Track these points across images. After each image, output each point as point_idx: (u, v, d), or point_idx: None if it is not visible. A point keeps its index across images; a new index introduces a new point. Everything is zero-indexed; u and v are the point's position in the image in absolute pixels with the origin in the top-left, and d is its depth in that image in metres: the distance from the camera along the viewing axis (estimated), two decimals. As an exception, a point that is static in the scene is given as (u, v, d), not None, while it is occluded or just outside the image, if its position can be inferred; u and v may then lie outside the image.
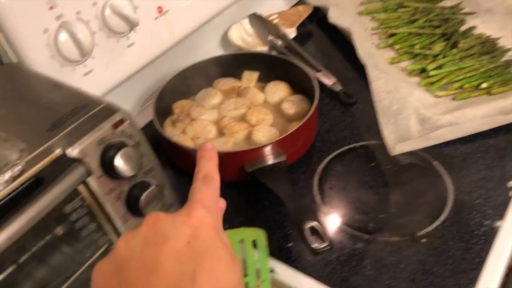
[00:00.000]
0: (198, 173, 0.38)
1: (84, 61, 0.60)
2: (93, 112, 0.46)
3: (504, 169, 0.60)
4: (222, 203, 0.40)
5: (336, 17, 0.86)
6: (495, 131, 0.65)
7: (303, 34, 0.91)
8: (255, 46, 0.87)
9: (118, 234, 0.47)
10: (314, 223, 0.50)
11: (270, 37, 0.83)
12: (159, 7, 0.69)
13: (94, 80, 0.63)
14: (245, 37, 0.89)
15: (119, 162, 0.44)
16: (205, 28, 0.85)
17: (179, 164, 0.67)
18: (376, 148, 0.65)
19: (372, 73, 0.69)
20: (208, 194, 0.36)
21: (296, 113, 0.70)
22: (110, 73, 0.65)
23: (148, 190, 0.47)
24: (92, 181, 0.44)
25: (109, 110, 0.46)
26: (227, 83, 0.77)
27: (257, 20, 0.86)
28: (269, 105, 0.73)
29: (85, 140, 0.43)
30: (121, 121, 0.46)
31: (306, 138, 0.66)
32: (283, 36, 0.83)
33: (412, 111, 0.65)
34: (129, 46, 0.66)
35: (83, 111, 0.46)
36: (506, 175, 0.59)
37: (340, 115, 0.73)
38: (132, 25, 0.64)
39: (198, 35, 0.84)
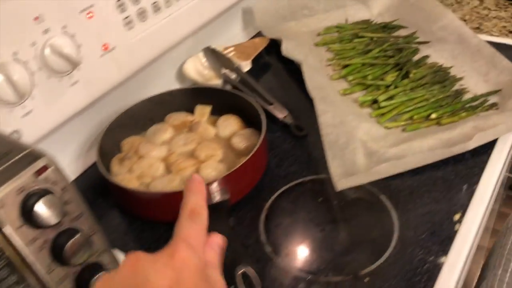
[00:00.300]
0: (184, 207, 0.37)
1: (22, 103, 0.59)
2: (15, 159, 0.45)
3: (451, 202, 0.60)
4: (221, 240, 0.39)
5: (290, 49, 0.86)
6: (443, 162, 0.64)
7: (260, 66, 0.91)
8: (210, 79, 0.86)
9: (43, 285, 0.46)
10: (246, 268, 0.49)
11: (223, 71, 0.82)
12: (104, 44, 0.69)
13: (34, 121, 0.62)
14: (201, 70, 0.88)
15: (40, 210, 0.43)
16: (161, 61, 0.85)
17: (122, 205, 0.65)
18: (325, 182, 0.64)
19: (320, 107, 0.69)
20: (194, 231, 0.35)
21: (246, 147, 0.69)
22: (52, 113, 0.64)
23: (74, 238, 0.46)
24: (10, 232, 0.42)
25: (32, 157, 0.45)
26: (179, 117, 0.76)
27: (211, 53, 0.86)
28: (221, 139, 0.72)
29: (3, 190, 0.42)
30: (44, 168, 0.45)
31: (254, 173, 0.65)
32: (237, 69, 0.83)
33: (359, 145, 0.65)
34: (72, 84, 0.65)
35: (5, 158, 0.45)
36: (453, 208, 0.59)
37: (291, 149, 0.72)
38: (74, 64, 0.63)
39: (154, 68, 0.84)
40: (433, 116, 0.71)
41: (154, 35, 0.76)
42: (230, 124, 0.73)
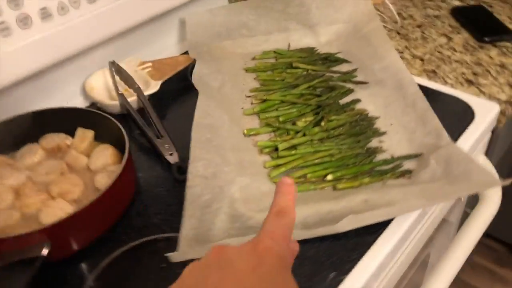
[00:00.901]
0: (273, 206, 0.38)
1: None
2: None
3: (309, 293, 0.50)
4: (295, 246, 0.39)
5: (204, 75, 0.76)
6: (320, 238, 0.54)
7: (178, 89, 0.81)
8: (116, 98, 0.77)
9: None
10: None
11: (120, 90, 0.74)
12: (-33, 53, 0.61)
13: None
14: (109, 86, 0.80)
15: None
16: (66, 71, 0.77)
17: None
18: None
19: (194, 152, 0.59)
20: (278, 229, 0.36)
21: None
22: None
23: None
24: None
25: None
26: (55, 140, 0.67)
27: (115, 68, 0.77)
28: (90, 173, 0.64)
29: None
30: None
31: (98, 223, 0.56)
32: (137, 90, 0.74)
33: (225, 204, 0.55)
34: None
35: None
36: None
37: (165, 194, 0.63)
38: None
39: (54, 79, 0.76)
40: (329, 177, 0.61)
41: (40, 44, 0.68)
42: (103, 156, 0.64)
